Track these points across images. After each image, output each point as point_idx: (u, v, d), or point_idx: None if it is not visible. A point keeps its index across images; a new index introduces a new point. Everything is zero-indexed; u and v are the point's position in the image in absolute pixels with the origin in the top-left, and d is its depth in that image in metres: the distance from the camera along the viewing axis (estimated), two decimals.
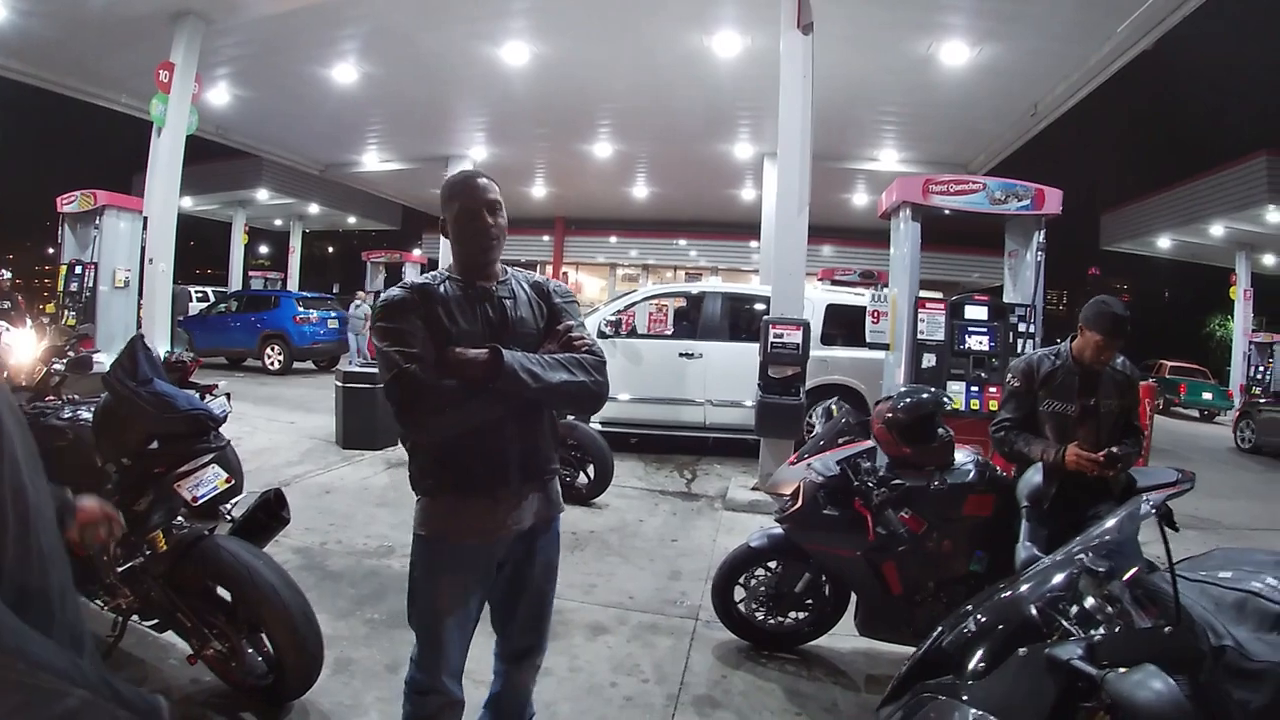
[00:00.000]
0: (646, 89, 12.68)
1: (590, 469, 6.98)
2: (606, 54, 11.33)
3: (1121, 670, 1.37)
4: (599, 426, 8.16)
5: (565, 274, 29.82)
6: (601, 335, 9.20)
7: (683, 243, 28.83)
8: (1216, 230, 21.58)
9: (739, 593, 4.13)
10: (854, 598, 3.95)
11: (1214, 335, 38.19)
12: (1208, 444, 16.43)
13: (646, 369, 9.38)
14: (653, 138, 16.04)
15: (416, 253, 25.28)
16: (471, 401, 2.10)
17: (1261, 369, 21.77)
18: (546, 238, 29.42)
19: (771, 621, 4.13)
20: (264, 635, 3.16)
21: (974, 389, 7.77)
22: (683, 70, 11.56)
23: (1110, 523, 1.78)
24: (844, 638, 4.08)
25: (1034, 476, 3.65)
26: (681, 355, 9.47)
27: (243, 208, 24.91)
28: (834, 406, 4.45)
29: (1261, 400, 16.51)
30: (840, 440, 4.02)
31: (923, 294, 8.18)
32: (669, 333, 10.03)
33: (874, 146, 15.76)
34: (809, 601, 4.09)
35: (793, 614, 4.12)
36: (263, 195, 23.67)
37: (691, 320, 10.08)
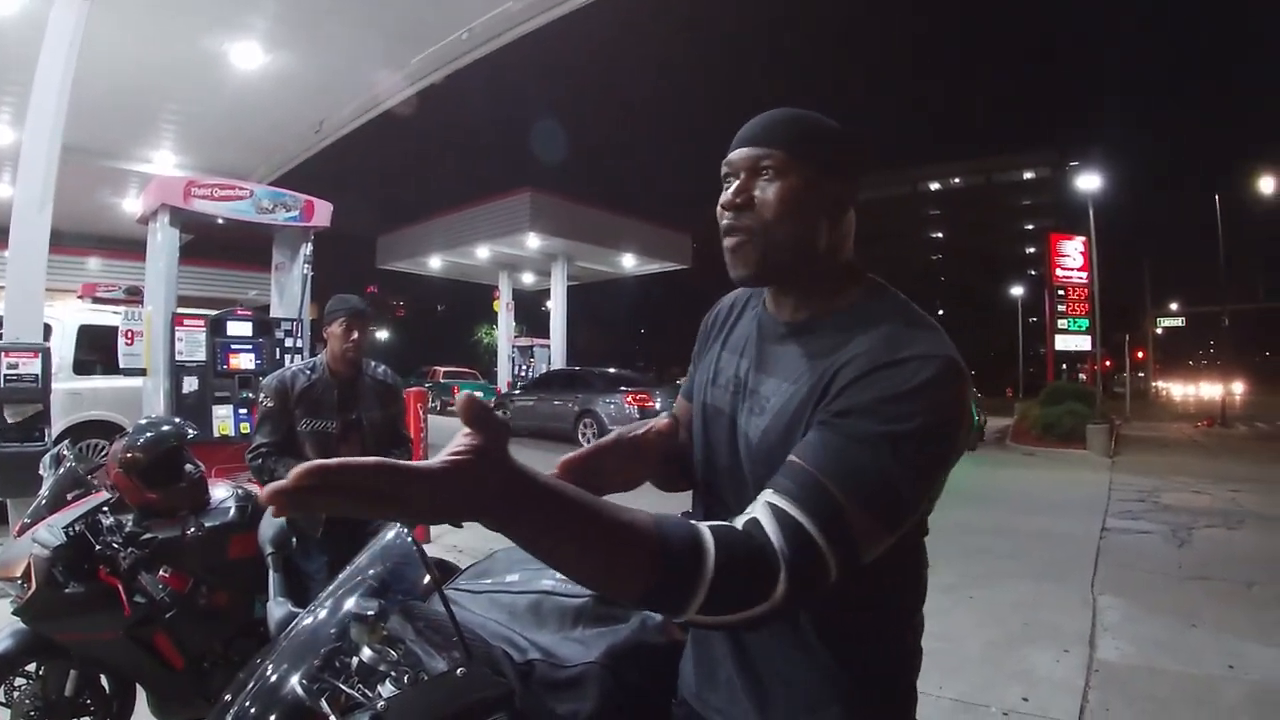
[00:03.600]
0: None
1: None
2: None
3: None
4: None
5: None
6: None
7: None
8: (483, 252, 25.10)
9: (2, 713, 3.08)
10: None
11: (483, 342, 43.47)
12: None
13: None
14: None
15: None
16: None
17: (524, 368, 26.19)
18: None
19: None
20: None
21: (242, 411, 7.39)
22: None
23: (366, 556, 1.57)
24: None
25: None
26: None
27: None
28: (64, 451, 3.59)
29: (515, 391, 19.82)
30: (70, 496, 3.22)
31: (181, 310, 7.50)
32: None
33: (150, 146, 14.04)
34: (89, 702, 3.22)
35: None
36: None
37: None
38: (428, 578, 1.45)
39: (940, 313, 67.66)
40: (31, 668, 3.17)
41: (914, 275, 74.68)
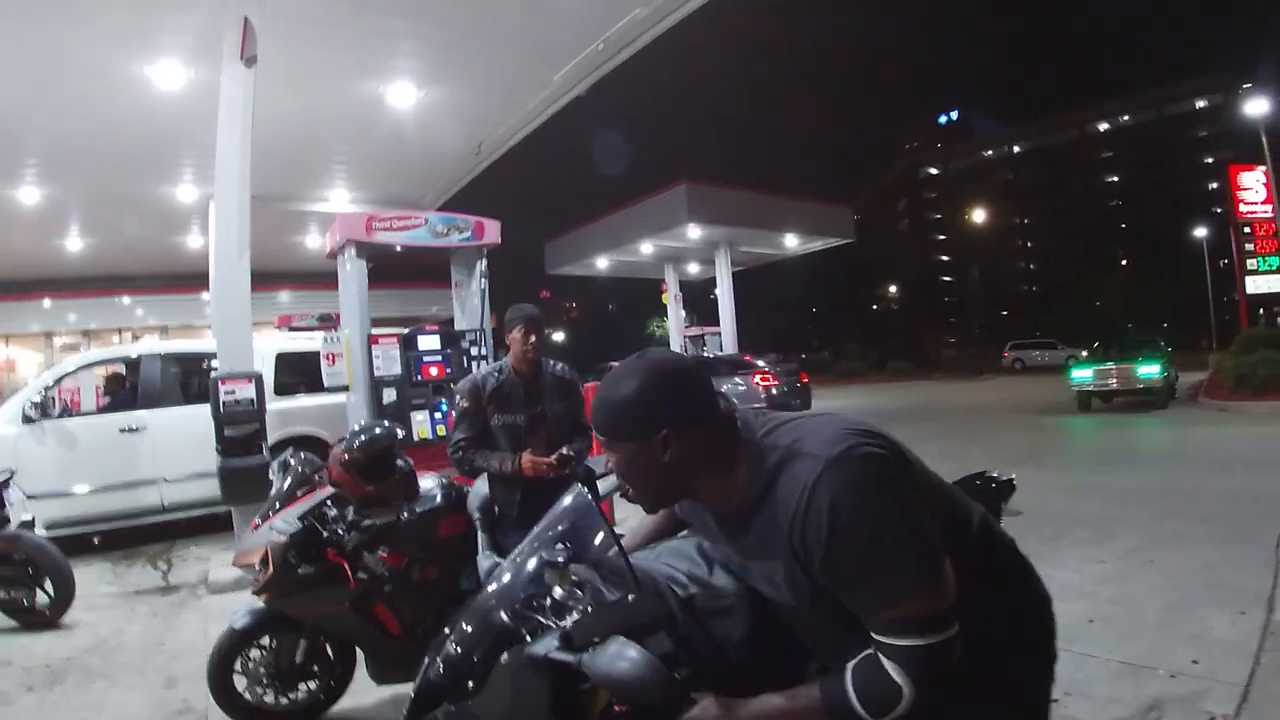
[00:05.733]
0: (79, 123, 11.00)
1: (48, 584, 5.74)
2: (26, 79, 9.59)
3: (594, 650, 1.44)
4: (46, 532, 6.89)
5: None
6: (27, 420, 7.70)
7: (127, 300, 25.16)
8: (646, 248, 25.49)
9: (240, 680, 3.71)
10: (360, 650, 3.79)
11: (655, 334, 44.00)
12: None
13: (87, 454, 7.94)
14: (88, 180, 13.95)
15: None
16: None
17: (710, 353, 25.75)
18: None
19: (284, 700, 3.78)
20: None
21: (438, 415, 8.05)
22: (120, 103, 10.22)
23: (556, 512, 1.87)
24: (365, 691, 3.91)
25: (481, 488, 3.82)
26: (123, 431, 8.18)
27: None
28: (290, 458, 4.19)
29: None
30: (299, 492, 3.79)
31: (375, 330, 8.22)
32: (104, 405, 8.92)
33: (325, 187, 15.57)
34: (315, 668, 3.82)
35: (303, 685, 3.82)
36: None
37: (131, 388, 8.85)
38: (603, 532, 1.75)
39: (1124, 263, 63.35)
40: (265, 641, 3.78)
41: (1089, 225, 70.24)
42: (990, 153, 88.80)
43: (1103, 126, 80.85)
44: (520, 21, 9.51)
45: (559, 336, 65.49)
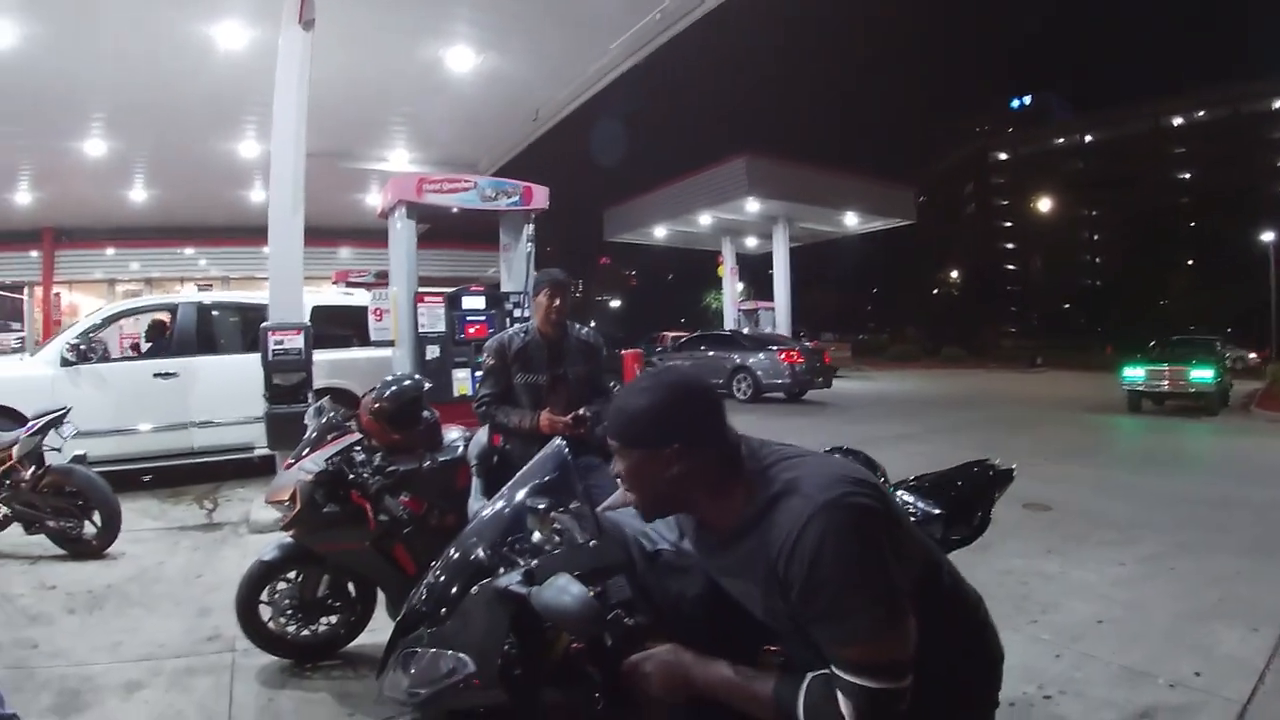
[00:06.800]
0: (144, 80, 11.40)
1: (96, 517, 6.00)
2: (95, 38, 9.91)
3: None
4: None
5: (59, 294, 25.69)
6: (65, 363, 7.91)
7: (190, 251, 26.04)
8: (705, 219, 25.52)
9: (265, 611, 3.94)
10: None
11: (710, 306, 44.05)
12: None
13: (123, 397, 8.16)
14: (153, 134, 14.46)
15: None
16: None
17: (750, 330, 25.72)
18: (34, 253, 24.89)
19: (305, 632, 4.00)
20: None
21: (478, 374, 8.13)
22: (183, 61, 10.55)
23: (536, 465, 2.03)
24: (384, 631, 4.01)
25: (480, 438, 4.05)
26: (157, 376, 8.39)
27: None
28: (324, 404, 4.39)
29: (667, 349, 20.73)
30: (330, 436, 3.98)
31: (423, 289, 8.44)
32: (145, 351, 9.31)
33: (385, 147, 15.92)
34: (337, 604, 4.04)
35: (324, 620, 4.03)
36: None
37: (169, 335, 9.08)
38: (578, 483, 1.90)
39: (1190, 263, 61.35)
40: (291, 575, 4.00)
41: (1157, 220, 67.92)
42: (1061, 140, 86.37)
43: (1177, 121, 77.79)
44: None
45: (616, 304, 65.66)
